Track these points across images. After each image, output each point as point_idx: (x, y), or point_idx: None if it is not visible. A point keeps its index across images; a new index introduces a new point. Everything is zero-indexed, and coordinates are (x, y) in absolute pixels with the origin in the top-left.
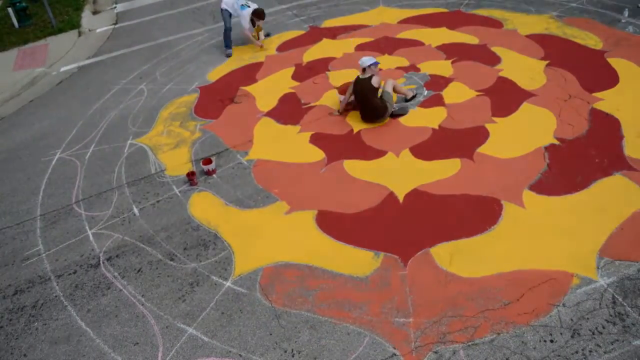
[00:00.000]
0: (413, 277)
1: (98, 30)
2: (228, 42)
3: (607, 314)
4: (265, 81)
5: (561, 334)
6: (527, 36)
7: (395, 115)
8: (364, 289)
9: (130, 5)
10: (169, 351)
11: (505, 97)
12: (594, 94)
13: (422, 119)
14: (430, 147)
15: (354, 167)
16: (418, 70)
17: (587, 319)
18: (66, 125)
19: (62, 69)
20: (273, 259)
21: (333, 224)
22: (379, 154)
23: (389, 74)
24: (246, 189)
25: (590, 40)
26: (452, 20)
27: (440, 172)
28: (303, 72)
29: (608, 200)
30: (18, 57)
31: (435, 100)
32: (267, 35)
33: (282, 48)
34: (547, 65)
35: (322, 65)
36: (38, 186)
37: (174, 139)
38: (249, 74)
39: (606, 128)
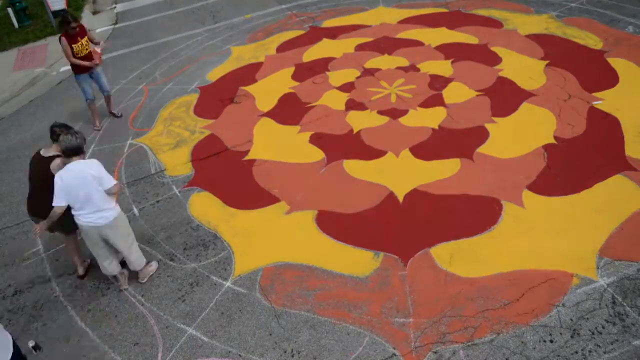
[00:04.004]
0: (413, 277)
1: (98, 30)
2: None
3: (606, 314)
4: (265, 81)
5: (561, 334)
6: (527, 36)
7: None
8: (364, 289)
9: (130, 5)
10: (169, 351)
11: (505, 97)
12: (593, 94)
13: (422, 119)
14: (430, 147)
15: (354, 167)
16: (418, 70)
17: (587, 319)
18: None
19: (62, 69)
20: (273, 259)
21: (333, 224)
22: (379, 154)
23: (389, 74)
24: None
25: (590, 40)
26: (452, 20)
27: (440, 172)
28: (303, 72)
29: (608, 200)
30: (18, 57)
31: (435, 100)
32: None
33: (282, 48)
34: (547, 65)
35: (322, 65)
36: None
37: (173, 139)
38: (249, 74)
39: (606, 128)
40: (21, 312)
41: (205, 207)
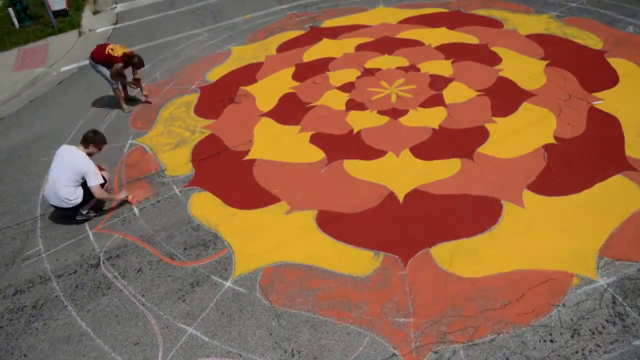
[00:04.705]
0: (413, 277)
1: (98, 30)
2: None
3: (607, 314)
4: (266, 81)
5: (561, 334)
6: (527, 36)
7: None
8: (364, 289)
9: (130, 5)
10: (169, 351)
11: (505, 97)
12: (593, 94)
13: (422, 119)
14: (430, 147)
15: (354, 167)
16: (418, 70)
17: (587, 319)
18: (66, 125)
19: (63, 69)
20: (273, 259)
21: (333, 224)
22: (379, 154)
23: (389, 74)
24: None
25: (590, 40)
26: (453, 20)
27: (440, 172)
28: (303, 72)
29: (608, 200)
30: (18, 57)
31: (435, 100)
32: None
33: (282, 48)
34: (547, 65)
35: (322, 65)
36: (38, 186)
37: (174, 139)
38: (249, 74)
39: (606, 128)
40: (21, 312)
41: (205, 207)
